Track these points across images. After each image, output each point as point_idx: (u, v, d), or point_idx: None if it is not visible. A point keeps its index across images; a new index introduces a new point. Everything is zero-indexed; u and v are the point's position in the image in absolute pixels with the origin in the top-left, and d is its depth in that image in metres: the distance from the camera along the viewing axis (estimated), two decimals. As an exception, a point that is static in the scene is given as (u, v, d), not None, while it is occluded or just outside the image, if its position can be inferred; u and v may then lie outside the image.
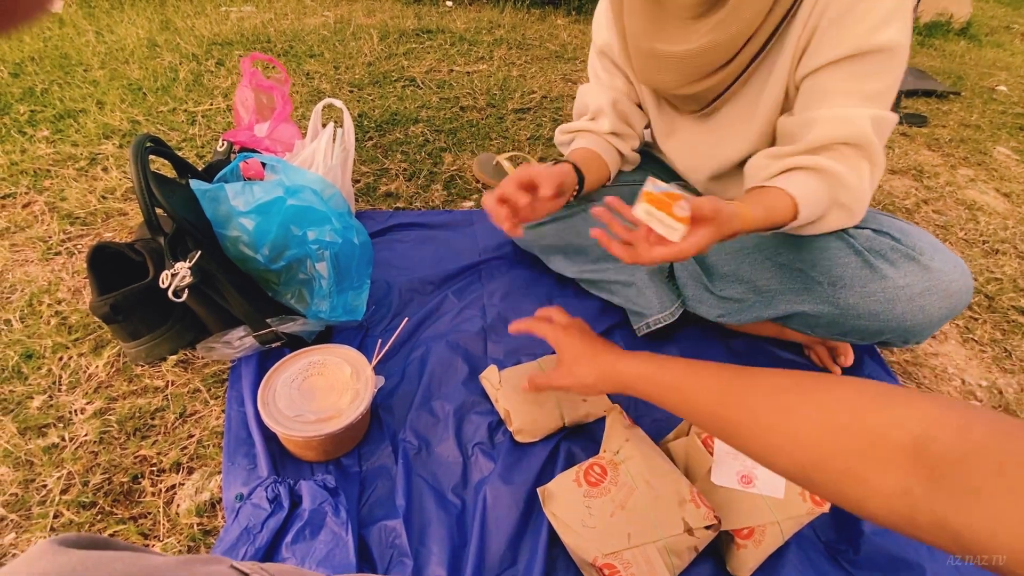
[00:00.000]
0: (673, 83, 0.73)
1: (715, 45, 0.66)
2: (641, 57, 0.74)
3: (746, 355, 0.87)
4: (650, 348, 0.87)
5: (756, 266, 0.78)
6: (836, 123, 0.64)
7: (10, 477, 0.67)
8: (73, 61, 1.59)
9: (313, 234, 0.77)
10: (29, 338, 0.81)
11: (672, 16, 0.68)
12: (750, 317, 0.80)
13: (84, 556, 0.27)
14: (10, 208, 1.06)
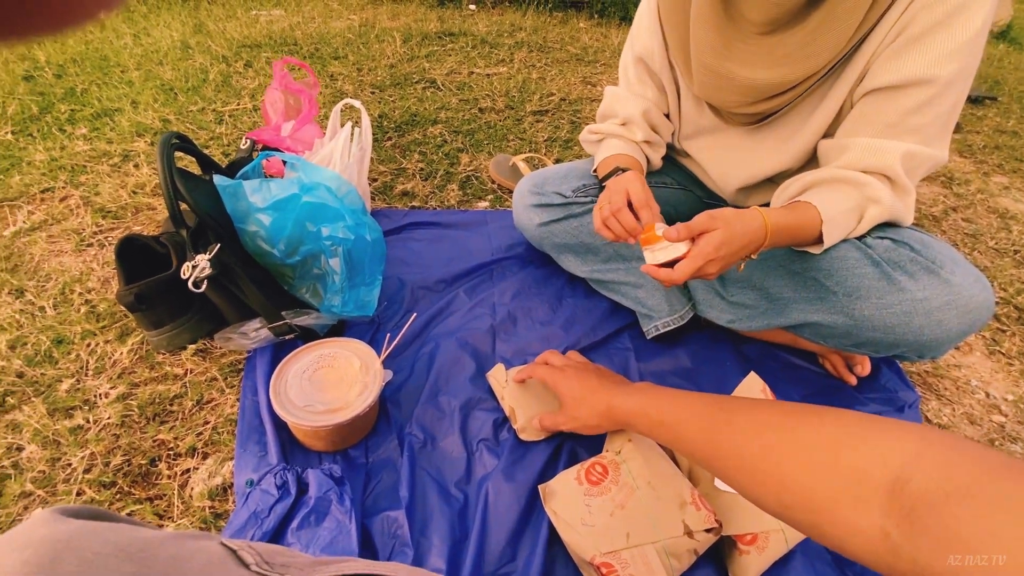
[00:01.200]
0: (735, 103, 0.72)
1: (790, 79, 0.65)
2: (705, 72, 0.72)
3: (758, 361, 0.86)
4: (660, 351, 0.87)
5: (769, 273, 0.77)
6: (865, 152, 0.64)
7: (39, 455, 0.70)
8: (111, 63, 1.66)
9: (327, 230, 0.79)
10: (60, 324, 0.86)
11: (743, 31, 0.66)
12: (761, 324, 0.79)
13: (81, 525, 0.29)
14: (48, 202, 1.12)
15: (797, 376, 0.84)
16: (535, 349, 0.86)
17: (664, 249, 0.63)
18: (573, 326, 0.89)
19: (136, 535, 0.29)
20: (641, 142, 0.85)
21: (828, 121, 0.69)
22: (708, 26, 0.68)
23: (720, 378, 0.83)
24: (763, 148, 0.77)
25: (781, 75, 0.66)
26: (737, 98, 0.71)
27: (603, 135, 0.88)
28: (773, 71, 0.66)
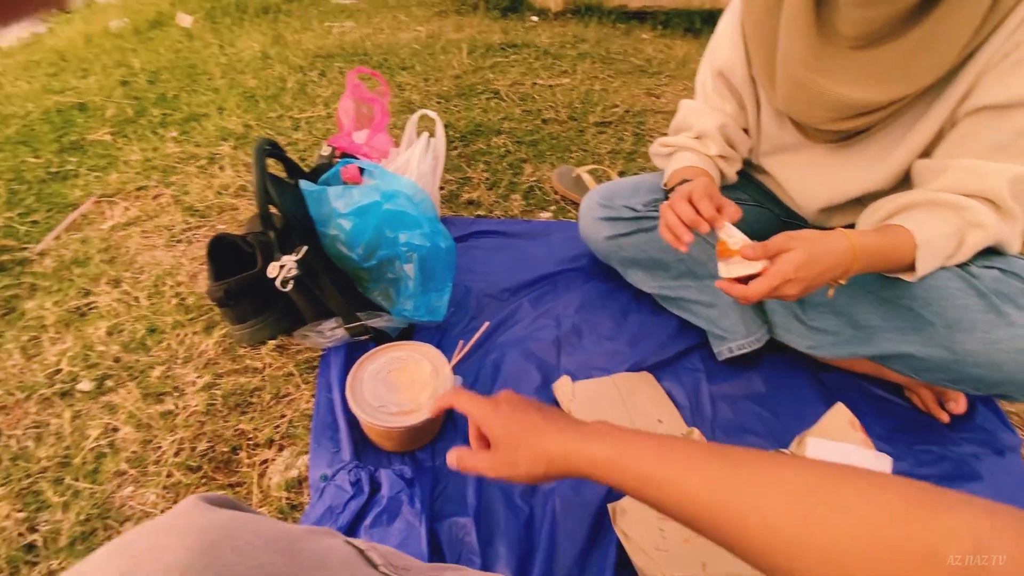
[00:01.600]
0: (822, 119, 0.69)
1: (883, 99, 0.62)
2: (792, 86, 0.69)
3: (838, 390, 0.81)
4: (733, 374, 0.84)
5: (856, 299, 0.73)
6: (967, 174, 0.60)
7: (132, 436, 0.75)
8: (199, 71, 1.78)
9: (404, 237, 0.82)
10: (153, 315, 0.92)
11: (835, 45, 0.64)
12: (844, 352, 0.75)
13: (232, 516, 0.30)
14: (143, 199, 1.20)
15: (881, 409, 0.80)
16: (600, 364, 0.85)
17: (740, 264, 0.61)
18: (640, 342, 0.87)
19: (280, 528, 0.31)
20: (715, 156, 0.83)
21: (926, 141, 0.66)
22: (799, 38, 0.65)
23: (797, 406, 0.79)
24: (850, 167, 0.74)
25: (874, 94, 0.63)
26: (824, 114, 0.69)
27: (675, 148, 0.87)
28: (866, 89, 0.63)
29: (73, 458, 0.72)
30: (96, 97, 1.58)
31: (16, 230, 1.09)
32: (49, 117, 1.49)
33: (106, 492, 0.70)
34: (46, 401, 0.79)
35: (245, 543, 0.28)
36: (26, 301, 0.94)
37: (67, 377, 0.82)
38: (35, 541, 0.65)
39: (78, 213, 1.14)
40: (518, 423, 0.47)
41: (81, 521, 0.66)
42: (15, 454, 0.73)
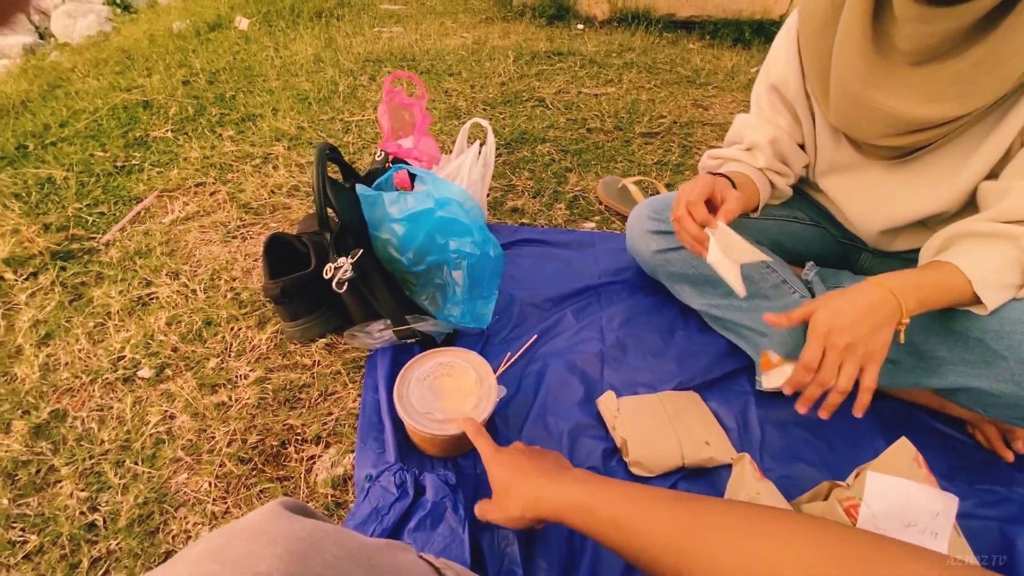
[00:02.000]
0: (875, 134, 0.68)
1: (938, 117, 0.60)
2: (845, 100, 0.68)
3: (896, 423, 0.78)
4: (783, 398, 0.81)
5: (921, 328, 0.70)
6: None
7: (188, 425, 0.78)
8: (255, 72, 1.84)
9: (455, 244, 0.83)
10: (209, 307, 0.95)
11: (892, 61, 0.62)
12: (906, 382, 0.72)
13: (315, 526, 0.30)
14: (201, 195, 1.25)
15: (942, 444, 0.76)
16: (645, 380, 0.84)
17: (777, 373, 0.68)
18: (686, 360, 0.86)
19: (358, 541, 0.31)
20: (764, 168, 0.83)
21: (993, 162, 0.63)
22: (854, 52, 0.64)
23: (852, 436, 0.76)
24: (910, 188, 0.71)
25: (928, 111, 0.61)
26: (877, 128, 0.67)
27: (723, 160, 0.86)
28: (919, 106, 0.61)
29: (133, 442, 0.76)
30: (159, 95, 1.66)
31: (85, 220, 1.15)
32: (116, 113, 1.57)
33: (163, 477, 0.73)
34: (109, 386, 0.83)
35: (331, 556, 0.28)
36: (93, 289, 0.99)
37: (129, 364, 0.86)
38: (96, 520, 0.68)
39: (142, 207, 1.20)
40: (510, 469, 0.53)
41: (139, 504, 0.69)
42: (80, 435, 0.77)
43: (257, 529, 0.29)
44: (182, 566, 0.27)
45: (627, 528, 0.40)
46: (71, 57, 2.25)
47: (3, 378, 0.84)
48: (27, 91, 1.78)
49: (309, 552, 0.28)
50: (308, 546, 0.28)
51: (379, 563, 0.30)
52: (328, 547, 0.29)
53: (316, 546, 0.28)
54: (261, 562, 0.26)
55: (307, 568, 0.27)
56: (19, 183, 1.25)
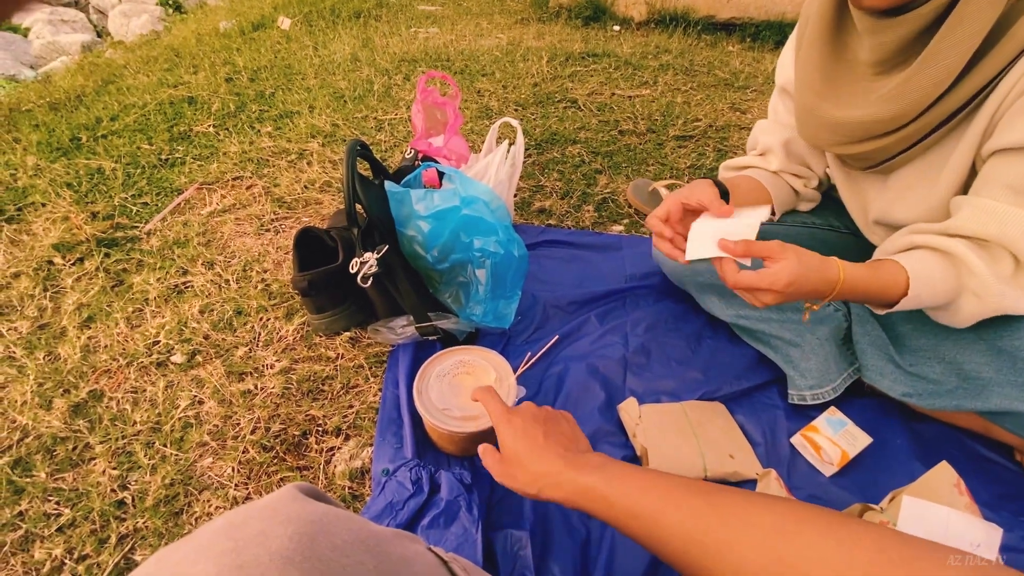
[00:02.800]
0: (828, 143, 0.69)
1: (878, 118, 0.61)
2: (802, 111, 0.71)
3: (935, 445, 0.74)
4: (806, 420, 0.78)
5: (965, 346, 0.67)
6: (981, 215, 0.57)
7: (215, 411, 0.80)
8: (294, 71, 1.89)
9: (479, 242, 0.82)
10: (241, 298, 0.98)
11: (852, 74, 0.64)
12: (947, 405, 0.68)
13: (326, 510, 0.31)
14: (238, 188, 1.29)
15: (986, 471, 0.72)
16: (669, 388, 0.82)
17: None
18: (712, 370, 0.83)
19: (368, 528, 0.31)
20: (779, 172, 0.82)
21: (960, 178, 0.62)
22: (813, 66, 0.67)
23: (887, 458, 0.73)
24: (895, 196, 0.71)
25: (869, 114, 0.61)
26: (829, 136, 0.68)
27: (741, 167, 0.86)
28: (862, 110, 0.62)
29: (163, 425, 0.78)
30: (204, 92, 1.72)
31: (129, 210, 1.20)
32: (163, 108, 1.64)
33: (189, 460, 0.75)
34: (144, 369, 0.86)
35: (341, 540, 0.29)
36: (133, 275, 1.03)
37: (163, 349, 0.89)
38: (125, 498, 0.70)
39: (182, 198, 1.24)
40: (523, 440, 0.50)
41: (166, 485, 0.71)
42: (114, 415, 0.80)
43: (271, 510, 0.29)
44: (199, 540, 0.28)
45: (646, 520, 0.39)
46: (124, 54, 2.36)
47: (47, 357, 0.88)
48: (83, 86, 1.87)
49: (319, 534, 0.28)
50: (318, 528, 0.29)
51: (387, 551, 0.31)
52: (338, 531, 0.29)
53: (326, 529, 0.29)
54: (272, 541, 0.27)
55: (316, 549, 0.27)
56: (72, 173, 1.31)
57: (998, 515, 0.67)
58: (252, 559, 0.26)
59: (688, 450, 0.69)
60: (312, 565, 0.26)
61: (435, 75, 1.20)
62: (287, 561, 0.26)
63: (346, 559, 0.28)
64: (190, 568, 0.26)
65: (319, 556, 0.27)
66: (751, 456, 0.71)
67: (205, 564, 0.26)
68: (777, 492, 0.60)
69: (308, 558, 0.27)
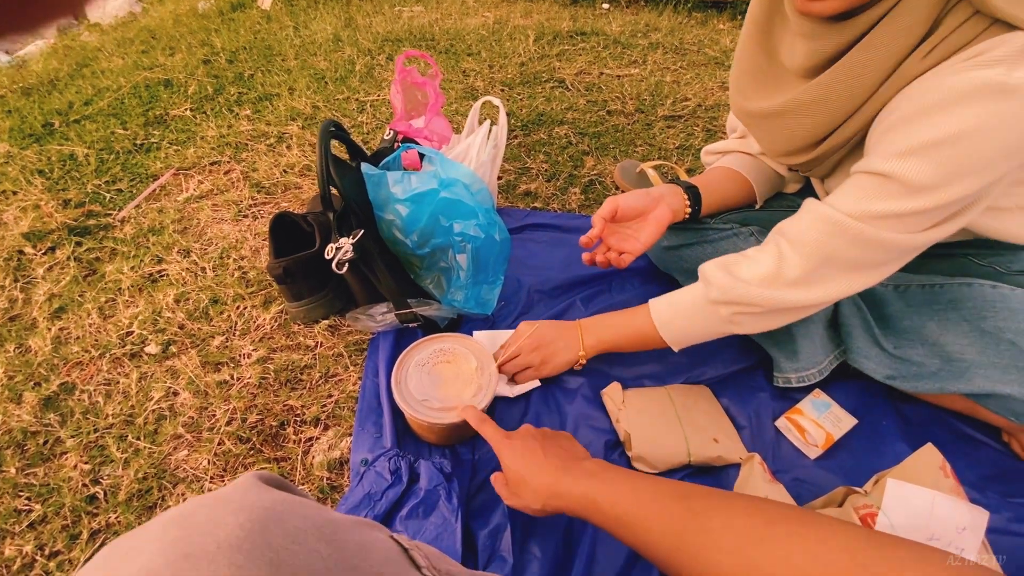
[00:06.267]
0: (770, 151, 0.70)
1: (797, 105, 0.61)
2: (737, 113, 0.72)
3: (922, 426, 0.73)
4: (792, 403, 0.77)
5: (948, 327, 0.65)
6: (805, 214, 0.61)
7: (190, 403, 0.78)
8: (274, 52, 1.84)
9: (459, 226, 0.80)
10: (217, 286, 0.95)
11: (779, 79, 0.64)
12: (931, 387, 0.67)
13: (282, 498, 0.30)
14: (215, 173, 1.25)
15: (972, 453, 0.71)
16: (654, 372, 0.80)
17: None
18: (698, 354, 0.82)
19: (326, 515, 0.31)
20: (761, 155, 0.81)
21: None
22: (745, 70, 0.68)
23: (873, 440, 0.72)
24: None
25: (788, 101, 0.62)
26: (767, 144, 0.70)
27: (720, 153, 0.86)
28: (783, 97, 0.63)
29: (136, 417, 0.76)
30: (180, 74, 1.67)
31: (103, 197, 1.16)
32: (138, 92, 1.59)
33: (163, 453, 0.73)
34: (117, 360, 0.84)
35: (294, 528, 0.28)
36: (106, 264, 1.00)
37: (137, 339, 0.86)
38: (97, 493, 0.69)
39: (158, 184, 1.21)
40: (523, 457, 0.53)
41: (139, 479, 0.70)
42: (86, 408, 0.78)
43: (225, 498, 0.29)
44: (150, 531, 0.28)
45: (633, 528, 0.41)
46: (100, 37, 2.28)
47: (18, 349, 0.85)
48: (56, 70, 1.81)
49: (271, 522, 0.28)
50: (271, 516, 0.28)
51: (344, 538, 0.30)
52: (292, 519, 0.29)
53: (279, 517, 0.29)
54: (222, 529, 0.27)
55: (266, 538, 0.27)
56: (43, 159, 1.27)
57: (984, 497, 0.66)
58: (199, 548, 0.26)
59: (672, 435, 0.68)
60: (261, 553, 0.26)
61: (414, 54, 1.16)
62: (235, 549, 0.26)
63: (297, 547, 0.28)
64: (138, 557, 0.26)
65: (271, 545, 0.27)
66: (736, 440, 0.70)
67: (152, 554, 0.26)
68: (760, 477, 0.60)
69: (259, 546, 0.26)
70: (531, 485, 0.51)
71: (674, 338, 0.71)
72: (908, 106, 0.51)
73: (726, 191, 0.81)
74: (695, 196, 0.79)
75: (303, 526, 0.29)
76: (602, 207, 0.73)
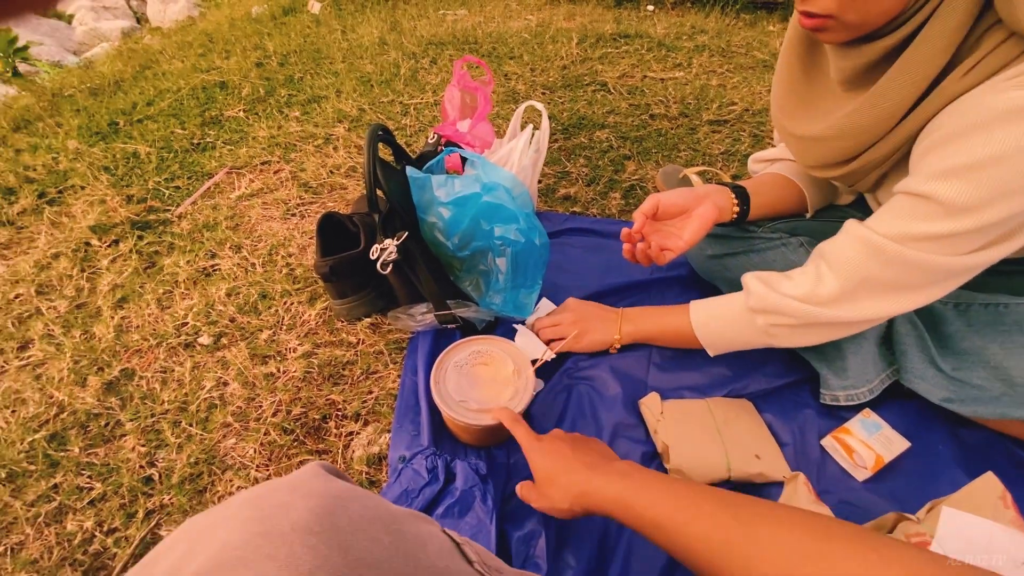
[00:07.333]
0: (804, 163, 0.69)
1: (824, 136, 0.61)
2: (777, 130, 0.72)
3: (980, 451, 0.69)
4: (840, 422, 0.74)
5: (1014, 350, 0.62)
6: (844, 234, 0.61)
7: (239, 393, 0.82)
8: (323, 55, 1.89)
9: (500, 230, 0.81)
10: (266, 281, 0.99)
11: (823, 89, 0.63)
12: (991, 412, 0.64)
13: (346, 487, 0.32)
14: (266, 173, 1.30)
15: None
16: (694, 383, 0.79)
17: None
18: (741, 366, 0.80)
19: (386, 506, 0.33)
20: None
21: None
22: (784, 83, 0.67)
23: (927, 465, 0.68)
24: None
25: (819, 131, 0.62)
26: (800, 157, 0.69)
27: (769, 161, 0.83)
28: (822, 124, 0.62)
29: (190, 405, 0.80)
30: (235, 77, 1.74)
31: (162, 193, 1.23)
32: (195, 93, 1.67)
33: (213, 440, 0.77)
34: (173, 350, 0.88)
35: (358, 516, 0.30)
36: (165, 258, 1.05)
37: (191, 330, 0.91)
38: (152, 475, 0.73)
39: (212, 182, 1.27)
40: (552, 459, 0.52)
41: (191, 463, 0.73)
42: (144, 394, 0.82)
43: (295, 484, 0.31)
44: (227, 509, 0.30)
45: (670, 532, 0.39)
46: (161, 40, 2.41)
47: (83, 335, 0.91)
48: (121, 71, 1.92)
49: (338, 509, 0.30)
50: (338, 503, 0.30)
51: (403, 529, 0.32)
52: (356, 508, 0.31)
53: (345, 504, 0.30)
54: (294, 512, 0.28)
55: (334, 522, 0.29)
56: (109, 157, 1.35)
57: (1048, 530, 0.62)
58: (275, 527, 0.28)
59: (712, 448, 0.67)
60: (330, 536, 0.28)
61: (471, 60, 1.18)
62: (307, 531, 0.28)
63: (363, 534, 0.29)
64: (217, 533, 0.28)
65: (337, 528, 0.28)
66: (779, 457, 0.68)
67: (232, 531, 0.28)
68: (805, 497, 0.58)
69: (326, 530, 0.28)
70: (559, 483, 0.50)
71: (709, 341, 0.73)
72: (949, 126, 0.50)
73: (776, 196, 0.79)
74: (743, 196, 0.77)
75: (366, 515, 0.31)
76: (644, 203, 0.72)
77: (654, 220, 0.73)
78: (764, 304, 0.65)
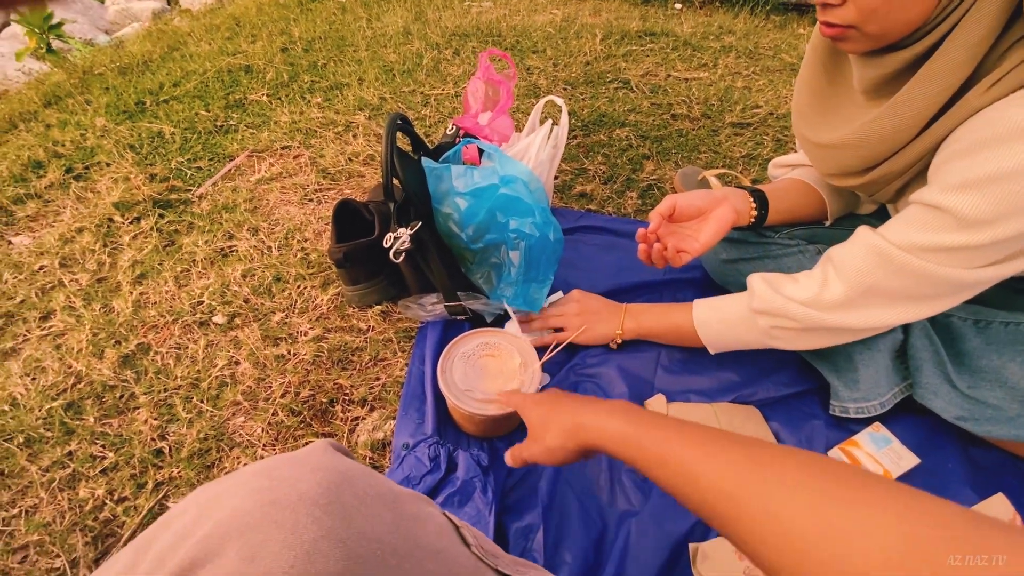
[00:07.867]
0: (824, 172, 0.68)
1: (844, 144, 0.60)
2: (798, 138, 0.70)
3: (990, 473, 0.68)
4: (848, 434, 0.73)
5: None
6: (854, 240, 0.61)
7: (249, 373, 0.83)
8: (347, 42, 1.90)
9: (515, 223, 0.81)
10: (281, 265, 1.00)
11: (846, 97, 0.63)
12: (1007, 433, 0.63)
13: (352, 464, 0.33)
14: (286, 157, 1.32)
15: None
16: (701, 387, 0.78)
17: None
18: (750, 372, 0.79)
19: (389, 485, 0.34)
20: None
21: None
22: (806, 91, 0.67)
23: (937, 483, 0.67)
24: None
25: (839, 139, 0.61)
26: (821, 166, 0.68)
27: (790, 166, 0.83)
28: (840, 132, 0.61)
29: (201, 382, 0.82)
30: (260, 61, 1.76)
31: (185, 173, 1.25)
32: (221, 76, 1.69)
33: (222, 417, 0.78)
34: (187, 327, 0.90)
35: (363, 492, 0.31)
36: (184, 237, 1.07)
37: (206, 309, 0.93)
38: (163, 448, 0.74)
39: (233, 164, 1.28)
40: (548, 405, 0.51)
41: (200, 439, 0.75)
42: (158, 368, 0.84)
43: (304, 458, 0.32)
44: (238, 478, 0.31)
45: (676, 468, 0.35)
46: (190, 22, 2.44)
47: (103, 309, 0.93)
48: (150, 52, 1.95)
49: (343, 484, 0.31)
50: (344, 479, 0.31)
51: (404, 508, 0.33)
52: (361, 485, 0.32)
53: (351, 480, 0.31)
54: (302, 483, 0.30)
55: (339, 497, 0.30)
56: (135, 135, 1.38)
57: (1059, 556, 0.61)
58: (283, 497, 0.29)
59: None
60: (335, 509, 0.29)
61: (496, 53, 1.18)
62: (314, 503, 0.29)
63: (366, 509, 0.30)
64: (229, 500, 0.29)
65: (343, 503, 0.30)
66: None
67: (242, 498, 0.29)
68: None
69: (332, 503, 0.29)
70: (553, 422, 0.47)
71: (710, 339, 0.74)
72: (969, 138, 0.49)
73: (796, 202, 0.78)
74: (762, 200, 0.76)
75: (370, 492, 0.32)
76: (661, 203, 0.72)
77: (670, 221, 0.72)
78: (767, 306, 0.64)
